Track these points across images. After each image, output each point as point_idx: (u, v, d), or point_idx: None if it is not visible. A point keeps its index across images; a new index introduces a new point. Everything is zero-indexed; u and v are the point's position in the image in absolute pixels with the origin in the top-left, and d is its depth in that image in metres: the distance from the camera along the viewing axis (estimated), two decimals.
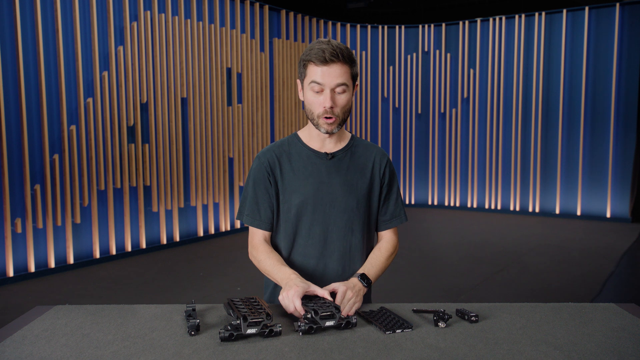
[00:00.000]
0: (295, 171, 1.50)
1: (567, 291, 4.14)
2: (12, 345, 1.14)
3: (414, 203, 8.94)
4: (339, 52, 1.41)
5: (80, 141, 5.01)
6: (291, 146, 1.54)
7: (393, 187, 1.59)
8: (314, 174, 1.49)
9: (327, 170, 1.50)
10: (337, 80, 1.41)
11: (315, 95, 1.43)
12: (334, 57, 1.40)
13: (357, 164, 1.53)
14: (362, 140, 1.60)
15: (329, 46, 1.40)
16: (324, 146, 1.52)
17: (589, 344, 1.13)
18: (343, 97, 1.44)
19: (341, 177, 1.50)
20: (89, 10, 5.09)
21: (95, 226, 5.17)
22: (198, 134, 6.19)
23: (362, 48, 8.65)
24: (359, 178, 1.52)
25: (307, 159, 1.51)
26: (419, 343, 1.14)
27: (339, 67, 1.41)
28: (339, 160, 1.52)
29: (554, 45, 7.63)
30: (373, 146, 1.59)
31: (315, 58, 1.40)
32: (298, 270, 1.47)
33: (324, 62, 1.40)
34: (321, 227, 1.48)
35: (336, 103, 1.43)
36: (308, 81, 1.43)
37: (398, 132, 8.91)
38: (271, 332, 1.17)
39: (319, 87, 1.41)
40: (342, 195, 1.48)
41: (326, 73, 1.40)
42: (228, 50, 6.52)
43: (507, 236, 6.41)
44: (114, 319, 1.31)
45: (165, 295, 4.14)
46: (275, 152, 1.53)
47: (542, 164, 7.81)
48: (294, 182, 1.49)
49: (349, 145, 1.55)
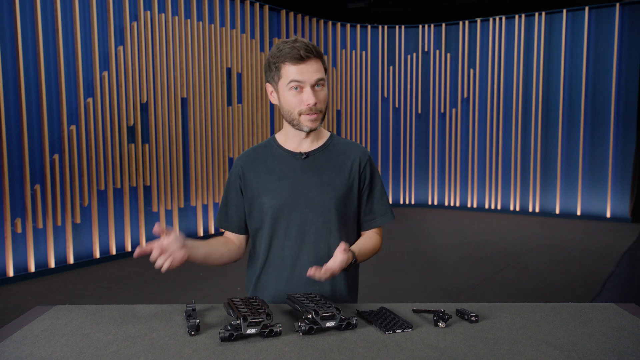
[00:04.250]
0: (271, 173, 1.49)
1: (567, 291, 4.14)
2: (12, 345, 1.14)
3: (414, 203, 8.94)
4: (312, 47, 1.40)
5: (80, 141, 5.01)
6: (267, 148, 1.54)
7: (375, 186, 1.55)
8: (289, 175, 1.48)
9: (301, 171, 1.48)
10: (316, 75, 1.40)
11: (296, 95, 1.41)
12: (309, 53, 1.38)
13: (334, 163, 1.50)
14: (342, 139, 1.57)
15: (301, 43, 1.39)
16: (300, 146, 1.50)
17: (589, 344, 1.13)
18: (323, 92, 1.43)
19: (317, 176, 1.47)
20: (89, 10, 5.09)
21: (95, 226, 5.17)
22: (198, 134, 6.19)
23: (362, 48, 8.65)
24: (337, 177, 1.48)
25: (282, 160, 1.50)
26: (419, 343, 1.14)
27: (315, 63, 1.40)
28: (314, 160, 1.49)
29: (554, 45, 7.63)
30: (353, 144, 1.55)
31: (290, 57, 1.38)
32: (276, 270, 1.48)
33: (301, 60, 1.38)
34: (298, 228, 1.46)
35: (318, 99, 1.42)
36: (285, 82, 1.41)
37: (398, 132, 8.91)
38: (271, 332, 1.16)
39: (298, 85, 1.40)
40: (318, 195, 1.46)
41: (304, 70, 1.38)
42: (228, 50, 6.52)
43: (507, 236, 6.41)
44: (114, 319, 1.31)
45: (165, 295, 4.14)
46: (250, 155, 1.54)
47: (542, 164, 7.81)
48: (269, 184, 1.48)
49: (325, 144, 1.52)
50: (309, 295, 1.32)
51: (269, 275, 1.50)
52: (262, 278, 1.52)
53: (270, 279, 1.50)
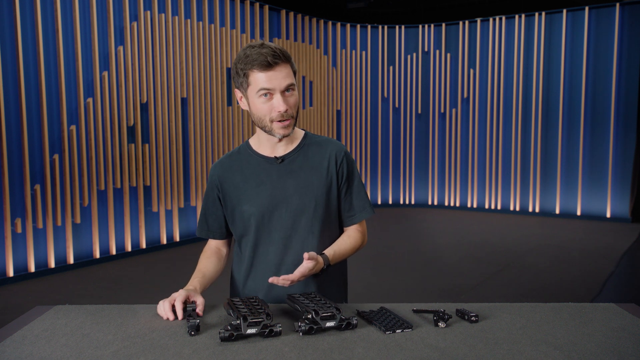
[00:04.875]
0: (247, 180, 1.47)
1: (567, 291, 4.14)
2: (12, 345, 1.14)
3: (414, 203, 8.94)
4: (280, 52, 1.36)
5: (80, 141, 5.01)
6: (242, 155, 1.52)
7: (353, 181, 1.52)
8: (266, 181, 1.46)
9: (278, 175, 1.46)
10: (286, 81, 1.36)
11: (266, 102, 1.37)
12: (277, 59, 1.34)
13: (310, 164, 1.47)
14: (317, 137, 1.53)
15: (268, 49, 1.34)
16: (275, 151, 1.48)
17: (589, 344, 1.13)
18: (293, 97, 1.40)
19: (294, 179, 1.45)
20: (89, 10, 5.09)
21: (95, 226, 5.17)
22: (198, 134, 6.19)
23: (362, 48, 8.65)
24: (314, 177, 1.46)
25: (258, 166, 1.48)
26: (419, 343, 1.14)
27: (284, 68, 1.36)
28: (290, 163, 1.47)
29: (554, 45, 7.63)
30: (328, 141, 1.52)
31: (257, 65, 1.34)
32: (262, 276, 1.49)
33: (268, 67, 1.34)
34: (280, 233, 1.45)
35: (289, 104, 1.39)
36: (254, 90, 1.37)
37: (398, 132, 8.91)
38: (271, 332, 1.16)
39: (268, 92, 1.36)
40: (297, 198, 1.44)
41: (273, 77, 1.35)
42: (228, 50, 6.52)
43: (507, 236, 6.41)
44: (114, 319, 1.31)
45: (165, 295, 4.12)
46: (225, 164, 1.52)
47: (542, 164, 7.81)
48: (247, 191, 1.47)
49: (300, 145, 1.49)
50: (309, 295, 1.32)
51: (256, 279, 1.51)
52: (249, 283, 1.53)
53: (257, 283, 1.51)
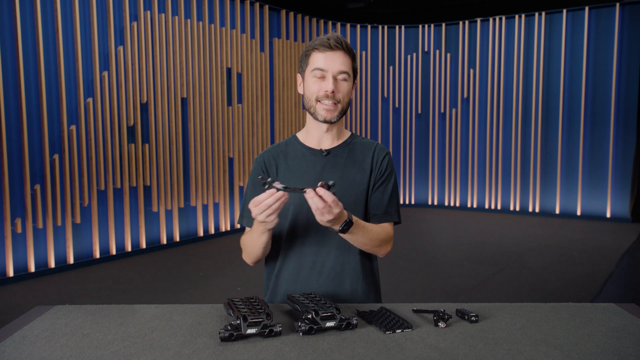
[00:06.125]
0: (291, 170, 1.49)
1: (567, 291, 4.14)
2: (12, 345, 1.14)
3: (414, 203, 8.94)
4: (343, 42, 1.44)
5: (80, 141, 5.01)
6: (288, 146, 1.54)
7: (389, 182, 1.51)
8: (309, 172, 1.48)
9: (323, 167, 1.48)
10: (340, 67, 1.42)
11: (317, 82, 1.43)
12: (338, 45, 1.42)
13: (355, 160, 1.50)
14: (363, 138, 1.57)
15: (333, 35, 1.44)
16: (321, 143, 1.51)
17: (589, 344, 1.13)
18: (345, 85, 1.44)
19: (338, 173, 1.47)
20: (89, 10, 5.09)
21: (95, 226, 5.17)
22: (198, 134, 6.19)
23: (362, 48, 8.65)
24: (357, 173, 1.48)
25: (303, 157, 1.50)
26: (419, 343, 1.14)
27: (342, 55, 1.43)
28: (335, 157, 1.50)
29: (554, 45, 7.63)
30: (373, 142, 1.56)
31: (319, 45, 1.42)
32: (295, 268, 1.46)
33: (328, 48, 1.41)
34: (318, 225, 1.42)
35: (338, 89, 1.42)
36: (310, 69, 1.44)
37: (398, 132, 8.91)
38: (271, 332, 1.16)
39: (321, 73, 1.42)
40: (339, 192, 1.44)
41: (329, 59, 1.41)
42: (228, 50, 6.52)
43: (507, 236, 6.41)
44: (114, 319, 1.31)
45: (165, 295, 4.14)
46: (272, 152, 1.54)
47: (542, 164, 7.81)
48: (290, 180, 1.48)
49: (346, 142, 1.53)
50: (309, 295, 1.32)
51: (289, 271, 1.49)
52: (282, 274, 1.50)
53: (290, 275, 1.49)
